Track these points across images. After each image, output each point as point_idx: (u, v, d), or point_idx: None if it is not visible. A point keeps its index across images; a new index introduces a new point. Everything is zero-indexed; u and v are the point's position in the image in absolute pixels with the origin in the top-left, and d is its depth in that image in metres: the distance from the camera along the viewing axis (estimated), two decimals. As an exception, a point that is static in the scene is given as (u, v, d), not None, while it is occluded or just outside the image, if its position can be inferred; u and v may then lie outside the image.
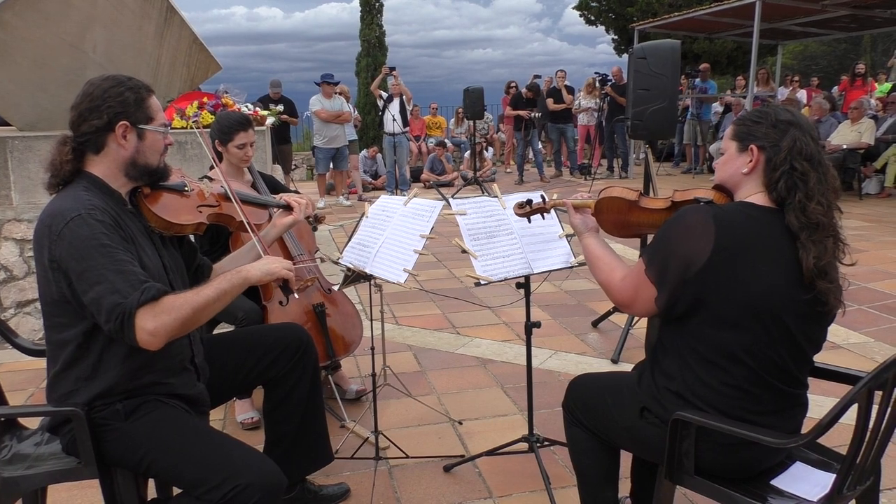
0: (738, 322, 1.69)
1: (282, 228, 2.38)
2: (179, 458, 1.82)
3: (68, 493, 2.64)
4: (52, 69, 4.59)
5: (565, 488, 2.63)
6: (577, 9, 21.57)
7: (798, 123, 1.73)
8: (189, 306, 1.74)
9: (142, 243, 1.90)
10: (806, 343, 1.75)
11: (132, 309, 1.66)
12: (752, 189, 1.77)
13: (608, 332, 4.48)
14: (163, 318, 1.69)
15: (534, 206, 2.32)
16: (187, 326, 1.76)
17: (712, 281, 1.68)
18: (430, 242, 2.55)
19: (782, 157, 1.69)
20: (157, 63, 5.10)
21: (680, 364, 1.79)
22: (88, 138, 1.86)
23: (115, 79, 1.89)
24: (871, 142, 9.27)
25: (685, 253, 1.70)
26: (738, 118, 1.85)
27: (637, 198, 2.01)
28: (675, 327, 1.81)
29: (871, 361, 3.81)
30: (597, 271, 2.02)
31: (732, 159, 1.81)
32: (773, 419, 1.74)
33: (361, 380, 3.72)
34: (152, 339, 1.69)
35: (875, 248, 6.50)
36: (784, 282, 1.68)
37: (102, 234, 1.73)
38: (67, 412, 1.83)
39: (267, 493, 1.77)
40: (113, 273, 1.69)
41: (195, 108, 5.08)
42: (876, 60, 22.38)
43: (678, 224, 1.75)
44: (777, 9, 10.44)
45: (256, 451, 1.94)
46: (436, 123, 14.95)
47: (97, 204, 1.79)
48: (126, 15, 4.76)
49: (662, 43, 3.99)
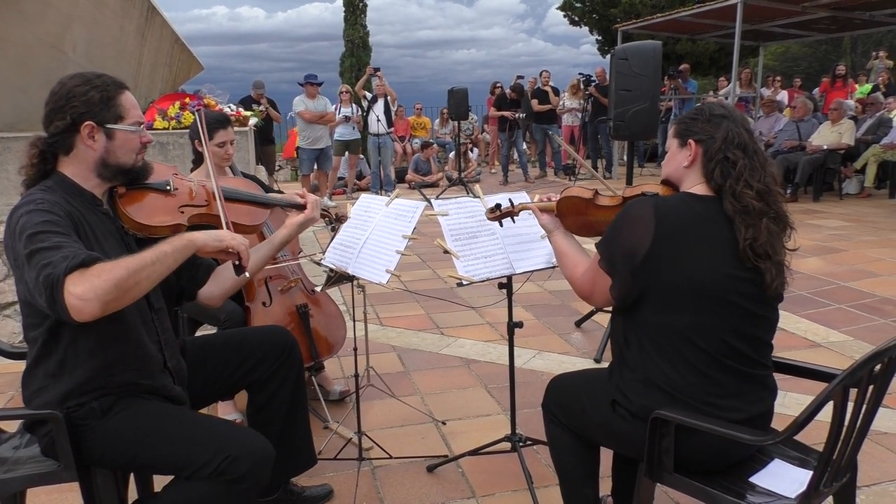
0: (684, 305, 1.76)
1: (293, 229, 2.30)
2: (164, 443, 1.80)
3: (48, 497, 2.61)
4: (31, 69, 4.55)
5: (548, 487, 2.64)
6: (561, 9, 21.65)
7: (731, 116, 1.85)
8: (122, 268, 1.60)
9: (103, 244, 1.84)
10: (755, 322, 1.81)
11: (60, 275, 1.54)
12: (694, 181, 1.88)
13: (591, 331, 4.50)
14: (92, 280, 1.55)
15: (503, 210, 2.38)
16: (123, 289, 1.60)
17: (655, 268, 1.76)
18: (415, 243, 2.55)
19: (717, 148, 1.81)
20: (139, 63, 5.08)
21: (640, 354, 1.85)
22: (56, 139, 1.83)
23: (82, 77, 1.85)
24: (851, 142, 9.37)
25: (629, 243, 1.79)
26: (678, 118, 1.98)
27: (593, 196, 2.11)
28: (631, 318, 1.87)
29: (850, 360, 3.84)
30: (563, 267, 2.14)
31: (675, 155, 1.93)
32: (735, 402, 1.78)
33: (345, 381, 3.71)
34: (82, 303, 1.53)
35: (855, 248, 6.57)
36: (723, 263, 1.76)
37: (43, 221, 1.66)
38: (45, 415, 1.81)
39: (257, 461, 1.78)
40: (47, 251, 1.59)
41: (177, 108, 5.05)
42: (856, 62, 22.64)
43: (623, 217, 1.86)
44: (758, 10, 10.52)
45: (241, 426, 1.93)
46: (420, 124, 14.95)
47: (48, 198, 1.75)
48: (106, 14, 4.73)
49: (644, 44, 4.02)
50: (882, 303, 4.91)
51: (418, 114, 15.16)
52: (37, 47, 4.52)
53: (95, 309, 1.56)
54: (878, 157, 9.46)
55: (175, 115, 5.03)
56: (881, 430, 3.05)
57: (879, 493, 2.61)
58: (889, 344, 1.55)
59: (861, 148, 9.67)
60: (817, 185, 9.48)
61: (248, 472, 1.75)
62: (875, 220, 8.03)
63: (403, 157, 13.58)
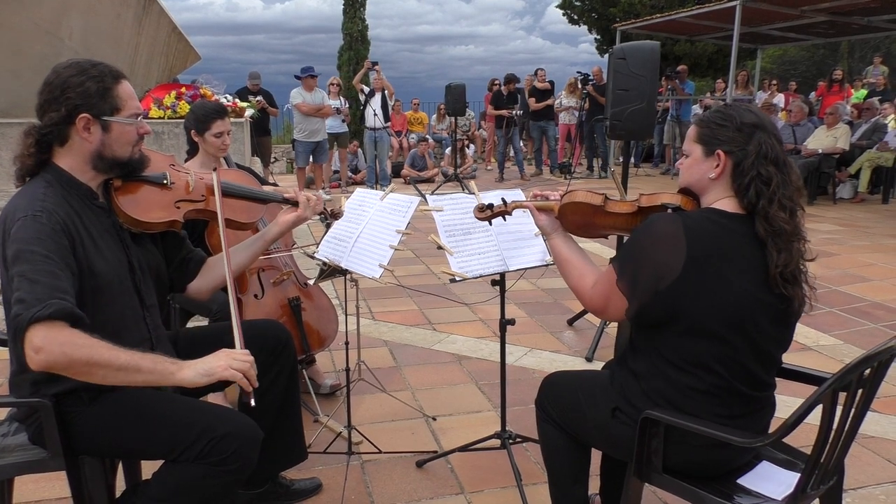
0: (713, 332, 1.69)
1: (284, 227, 2.26)
2: (151, 426, 1.79)
3: (35, 485, 2.60)
4: (26, 56, 4.53)
5: (536, 485, 2.65)
6: (560, 7, 21.64)
7: (763, 125, 1.71)
8: (87, 352, 1.57)
9: (100, 244, 1.82)
10: (774, 346, 1.77)
11: (25, 322, 1.53)
12: (720, 194, 1.76)
13: (583, 330, 4.51)
14: (52, 345, 1.53)
15: (495, 209, 2.25)
16: (74, 370, 1.58)
17: (684, 293, 1.67)
18: (409, 238, 2.55)
19: (750, 163, 1.68)
20: (135, 51, 5.05)
21: (651, 367, 1.80)
22: (50, 130, 1.78)
23: (77, 66, 1.78)
24: (846, 147, 9.41)
25: (656, 265, 1.68)
26: (702, 120, 1.81)
27: (602, 202, 1.96)
28: (648, 333, 1.81)
29: (840, 364, 3.87)
30: (567, 275, 2.00)
31: (698, 163, 1.78)
32: (741, 422, 1.76)
33: (336, 374, 3.71)
34: (35, 356, 1.54)
35: (847, 252, 6.60)
36: (754, 288, 1.68)
37: (35, 238, 1.64)
38: (35, 403, 1.80)
39: (245, 441, 1.77)
40: (27, 282, 1.58)
41: (173, 98, 5.03)
42: (853, 67, 22.68)
43: (648, 234, 1.72)
44: (757, 13, 10.54)
45: (228, 408, 1.92)
46: (417, 119, 14.93)
47: (48, 206, 1.71)
48: (104, 2, 4.70)
49: (642, 44, 4.01)
50: (873, 307, 4.94)
51: (415, 109, 15.14)
52: (33, 33, 4.50)
53: (39, 367, 1.57)
54: (872, 161, 9.51)
55: (171, 105, 5.01)
56: (869, 434, 3.07)
57: (866, 496, 2.63)
58: (878, 349, 1.56)
59: (856, 153, 9.72)
60: (812, 189, 9.52)
61: (234, 452, 1.74)
62: (868, 224, 8.07)
63: (400, 151, 13.56)
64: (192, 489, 1.76)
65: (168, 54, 5.29)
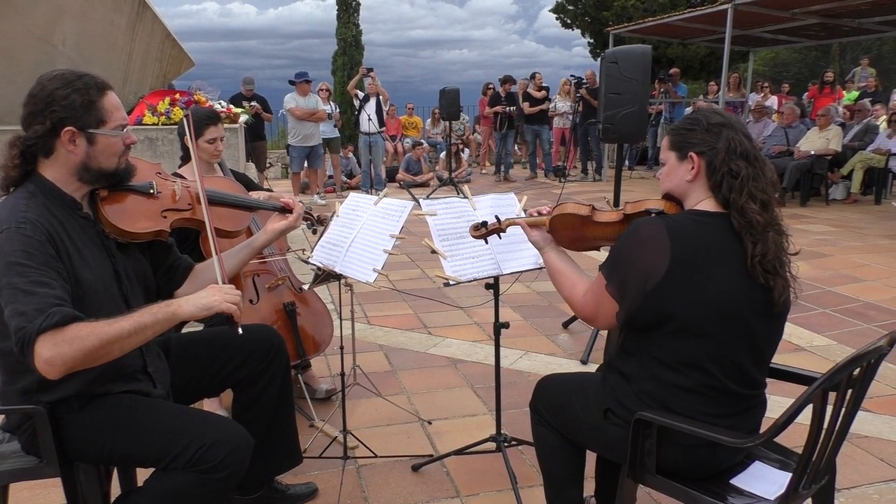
0: (703, 330, 1.71)
1: (273, 234, 2.27)
2: (141, 434, 1.80)
3: (31, 493, 2.60)
4: (20, 62, 4.53)
5: (531, 487, 2.66)
6: (554, 11, 21.70)
7: (729, 124, 1.78)
8: (96, 337, 1.61)
9: (84, 254, 1.81)
10: (765, 342, 1.80)
11: (32, 335, 1.55)
12: (700, 196, 1.81)
13: (578, 333, 4.52)
14: (62, 348, 1.57)
15: (489, 227, 2.28)
16: (92, 358, 1.62)
17: (672, 293, 1.70)
18: (404, 242, 2.55)
19: (721, 159, 1.74)
20: (129, 58, 5.05)
21: (641, 369, 1.82)
22: (35, 142, 1.77)
23: (62, 78, 1.77)
24: (839, 148, 9.46)
25: (643, 267, 1.72)
26: (672, 128, 1.88)
27: (590, 213, 2.01)
28: (638, 334, 1.83)
29: (833, 364, 3.88)
30: (559, 286, 2.05)
31: (674, 169, 1.84)
32: (732, 421, 1.78)
33: (331, 379, 3.71)
34: (48, 368, 1.57)
35: (840, 253, 6.63)
36: (739, 283, 1.71)
37: (23, 251, 1.64)
38: (29, 410, 1.80)
39: (234, 448, 1.77)
40: (22, 294, 1.59)
41: (167, 104, 5.04)
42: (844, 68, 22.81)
43: (633, 238, 1.77)
44: (748, 16, 10.59)
45: (219, 416, 1.92)
46: (412, 123, 14.94)
47: (31, 217, 1.71)
48: (97, 8, 4.71)
49: (634, 48, 4.04)
50: (866, 307, 4.96)
51: (410, 113, 15.15)
52: (26, 40, 4.50)
53: (59, 374, 1.60)
54: (864, 163, 9.56)
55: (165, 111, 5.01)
56: (861, 434, 3.08)
57: (858, 495, 2.64)
58: (868, 348, 1.57)
59: (848, 154, 9.77)
60: (804, 191, 9.56)
61: (224, 459, 1.74)
62: (861, 225, 8.11)
63: (395, 156, 13.57)
64: (182, 497, 1.76)
65: (162, 60, 5.29)
